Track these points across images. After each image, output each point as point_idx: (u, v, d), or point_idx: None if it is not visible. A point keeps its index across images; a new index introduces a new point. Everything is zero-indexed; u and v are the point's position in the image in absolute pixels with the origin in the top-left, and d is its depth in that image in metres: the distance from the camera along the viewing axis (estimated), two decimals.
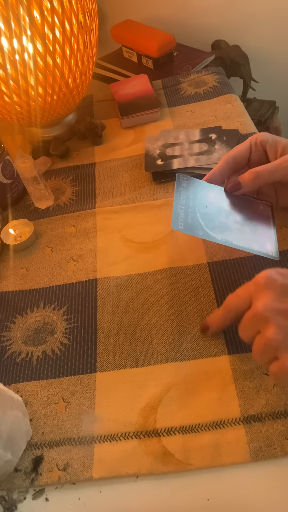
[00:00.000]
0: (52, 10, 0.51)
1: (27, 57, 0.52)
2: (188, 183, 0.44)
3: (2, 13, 0.48)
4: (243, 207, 0.45)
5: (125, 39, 0.91)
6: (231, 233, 0.41)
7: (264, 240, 0.42)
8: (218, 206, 0.44)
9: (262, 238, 0.42)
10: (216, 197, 0.44)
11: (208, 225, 0.41)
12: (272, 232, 0.43)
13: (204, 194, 0.44)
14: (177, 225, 0.40)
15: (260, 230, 0.43)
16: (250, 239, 0.41)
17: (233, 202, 0.45)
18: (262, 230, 0.43)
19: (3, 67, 0.52)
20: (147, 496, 0.32)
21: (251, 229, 0.43)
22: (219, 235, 0.40)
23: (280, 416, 0.33)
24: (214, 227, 0.41)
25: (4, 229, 0.53)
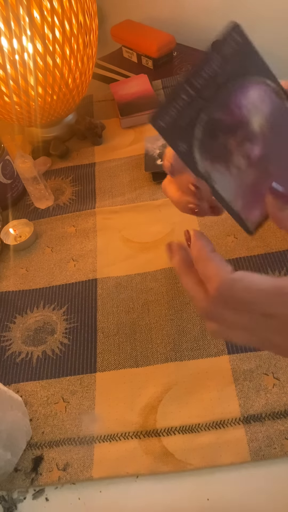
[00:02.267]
0: (52, 10, 0.51)
1: (27, 57, 0.52)
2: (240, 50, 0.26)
3: (2, 13, 0.48)
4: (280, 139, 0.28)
5: (125, 39, 0.91)
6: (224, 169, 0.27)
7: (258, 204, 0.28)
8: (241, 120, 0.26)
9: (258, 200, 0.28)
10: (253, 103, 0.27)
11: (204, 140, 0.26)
12: None
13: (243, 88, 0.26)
14: (157, 119, 0.24)
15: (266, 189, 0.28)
16: (239, 192, 0.28)
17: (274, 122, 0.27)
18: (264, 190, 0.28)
19: (3, 67, 0.52)
20: (147, 496, 0.32)
21: (260, 179, 0.28)
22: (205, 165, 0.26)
23: (280, 416, 0.33)
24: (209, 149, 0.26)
25: (4, 229, 0.53)
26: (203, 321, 0.40)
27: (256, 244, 0.46)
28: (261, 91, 0.27)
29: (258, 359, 0.37)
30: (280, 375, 0.36)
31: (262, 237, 0.46)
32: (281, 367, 0.36)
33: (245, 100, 0.26)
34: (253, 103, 0.26)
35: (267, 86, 0.27)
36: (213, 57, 0.24)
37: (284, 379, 0.35)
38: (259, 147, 0.27)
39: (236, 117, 0.26)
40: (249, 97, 0.26)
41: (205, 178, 0.27)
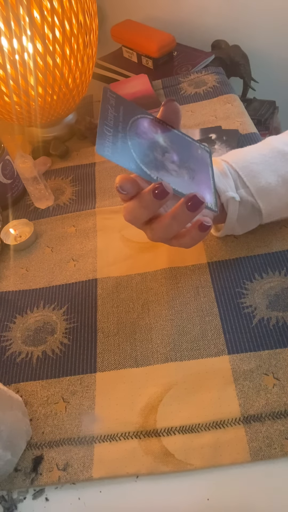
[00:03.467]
0: (52, 10, 0.51)
1: (27, 57, 0.52)
2: (118, 102, 0.36)
3: (2, 13, 0.48)
4: (180, 146, 0.38)
5: (125, 39, 0.91)
6: (167, 174, 0.35)
7: (203, 190, 0.36)
8: (153, 140, 0.36)
9: (201, 187, 0.36)
10: (150, 128, 0.37)
11: (142, 159, 0.34)
12: (211, 182, 0.38)
13: (137, 121, 0.36)
14: (102, 149, 0.31)
15: (198, 177, 0.37)
16: (188, 185, 0.35)
17: (169, 138, 0.37)
18: (201, 177, 0.37)
19: (3, 67, 0.52)
20: (147, 496, 0.32)
21: (190, 174, 0.36)
22: (154, 174, 0.34)
23: (280, 416, 0.33)
24: (148, 163, 0.34)
25: (4, 229, 0.53)
26: (203, 320, 0.40)
27: (256, 244, 0.46)
28: (148, 121, 0.37)
29: (258, 359, 0.37)
30: (280, 375, 0.36)
31: (262, 237, 0.46)
32: (281, 367, 0.36)
33: (145, 128, 0.36)
34: (149, 129, 0.37)
35: (149, 118, 0.37)
36: (108, 107, 0.34)
37: (284, 379, 0.35)
38: (174, 154, 0.37)
39: (148, 138, 0.36)
40: (145, 126, 0.36)
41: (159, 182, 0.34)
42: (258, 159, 0.41)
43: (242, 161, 0.41)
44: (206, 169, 0.39)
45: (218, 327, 0.40)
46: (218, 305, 0.42)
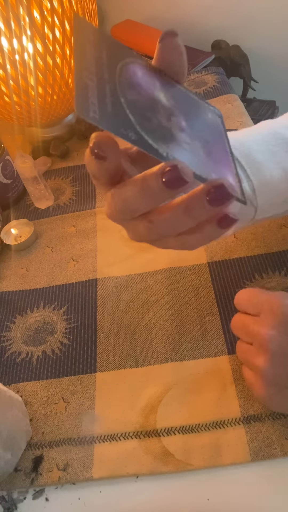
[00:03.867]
0: (52, 10, 0.51)
1: (27, 57, 0.52)
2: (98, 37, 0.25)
3: (2, 13, 0.48)
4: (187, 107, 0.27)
5: (125, 39, 0.91)
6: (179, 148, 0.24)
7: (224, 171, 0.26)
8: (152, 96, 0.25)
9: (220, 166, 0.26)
10: (146, 79, 0.25)
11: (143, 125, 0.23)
12: (230, 158, 0.28)
13: (127, 67, 0.25)
14: (87, 110, 0.21)
15: (215, 152, 0.27)
16: (205, 163, 0.25)
17: (172, 95, 0.26)
18: (218, 152, 0.27)
19: (3, 67, 0.52)
20: (147, 496, 0.32)
21: (205, 148, 0.26)
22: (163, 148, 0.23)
23: (280, 416, 0.33)
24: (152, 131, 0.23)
25: (4, 229, 0.53)
26: (203, 320, 0.40)
27: (256, 244, 0.46)
28: (142, 69, 0.25)
29: None
30: None
31: (263, 237, 0.46)
32: None
33: (138, 79, 0.25)
34: (146, 81, 0.25)
35: (141, 64, 0.26)
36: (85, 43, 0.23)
37: None
38: (181, 118, 0.26)
39: (145, 95, 0.24)
40: (140, 76, 0.25)
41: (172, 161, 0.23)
42: (262, 147, 0.35)
43: (244, 147, 0.34)
44: (221, 140, 0.28)
45: (218, 327, 0.40)
46: (218, 305, 0.42)
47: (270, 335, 0.30)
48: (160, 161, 0.22)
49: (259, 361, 0.30)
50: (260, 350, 0.31)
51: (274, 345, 0.30)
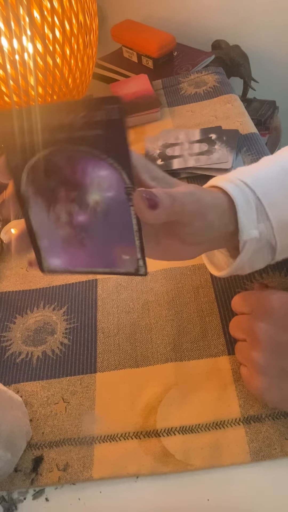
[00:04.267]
0: (52, 10, 0.51)
1: (27, 57, 0.52)
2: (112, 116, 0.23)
3: (2, 13, 0.48)
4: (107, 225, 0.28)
5: (125, 39, 0.91)
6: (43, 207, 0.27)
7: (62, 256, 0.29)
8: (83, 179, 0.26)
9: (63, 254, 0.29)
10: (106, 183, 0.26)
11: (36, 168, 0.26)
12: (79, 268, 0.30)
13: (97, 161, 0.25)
14: None
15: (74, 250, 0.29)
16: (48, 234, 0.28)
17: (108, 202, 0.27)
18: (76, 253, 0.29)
19: (3, 67, 0.52)
20: (147, 496, 0.32)
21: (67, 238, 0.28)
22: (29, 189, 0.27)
23: (280, 417, 0.33)
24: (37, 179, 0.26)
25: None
26: (203, 320, 0.40)
27: None
28: (113, 178, 0.25)
29: None
30: None
31: None
32: None
33: (92, 173, 0.25)
34: (98, 181, 0.26)
35: (122, 179, 0.25)
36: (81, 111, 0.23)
37: None
38: (84, 217, 0.27)
39: (75, 178, 0.26)
40: (98, 174, 0.25)
41: (23, 199, 0.27)
42: (279, 186, 0.34)
43: (263, 186, 0.34)
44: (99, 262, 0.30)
45: (218, 327, 0.40)
46: (218, 305, 0.41)
47: (261, 327, 0.32)
48: None
49: (253, 353, 0.31)
50: (253, 343, 0.32)
51: (265, 335, 0.31)
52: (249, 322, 0.33)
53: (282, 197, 0.34)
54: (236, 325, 0.35)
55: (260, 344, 0.31)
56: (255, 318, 0.33)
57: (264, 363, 0.31)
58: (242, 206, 0.32)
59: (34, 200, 0.27)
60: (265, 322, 0.32)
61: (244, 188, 0.33)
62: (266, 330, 0.31)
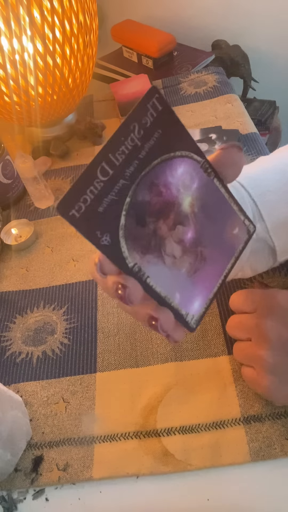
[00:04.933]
0: (52, 10, 0.51)
1: (27, 57, 0.52)
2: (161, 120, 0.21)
3: (2, 13, 0.48)
4: (210, 217, 0.25)
5: (125, 39, 0.91)
6: (156, 260, 0.23)
7: (196, 293, 0.25)
8: (173, 200, 0.23)
9: (196, 288, 0.25)
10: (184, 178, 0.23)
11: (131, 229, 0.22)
12: (217, 283, 0.27)
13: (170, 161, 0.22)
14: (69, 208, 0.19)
15: (204, 272, 0.26)
16: (177, 282, 0.24)
17: (203, 200, 0.25)
18: (207, 272, 0.26)
19: (3, 67, 0.52)
20: (147, 496, 0.32)
21: (192, 266, 0.25)
22: (135, 258, 0.22)
23: (280, 416, 0.33)
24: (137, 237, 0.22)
25: (4, 229, 0.53)
26: (203, 320, 0.40)
27: None
28: (188, 167, 0.23)
29: None
30: None
31: None
32: None
33: (173, 178, 0.23)
34: (182, 181, 0.23)
35: (194, 161, 0.23)
36: (133, 128, 0.20)
37: None
38: (191, 229, 0.24)
39: (165, 198, 0.22)
40: (177, 175, 0.23)
41: (135, 273, 0.22)
42: (274, 187, 0.35)
43: (259, 186, 0.34)
44: (224, 261, 0.27)
45: (218, 327, 0.40)
46: (218, 305, 0.41)
47: (269, 325, 0.31)
48: None
49: (261, 351, 0.31)
50: (260, 341, 0.31)
51: (273, 333, 0.31)
52: (254, 321, 0.32)
53: (277, 198, 0.34)
54: (236, 324, 0.34)
55: (268, 342, 0.31)
56: (261, 317, 0.32)
57: (274, 361, 0.30)
58: None
59: (146, 263, 0.23)
60: (273, 320, 0.31)
61: (239, 189, 0.34)
62: (274, 327, 0.31)
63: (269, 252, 0.35)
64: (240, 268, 0.36)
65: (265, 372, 0.31)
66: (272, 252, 0.36)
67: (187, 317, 0.25)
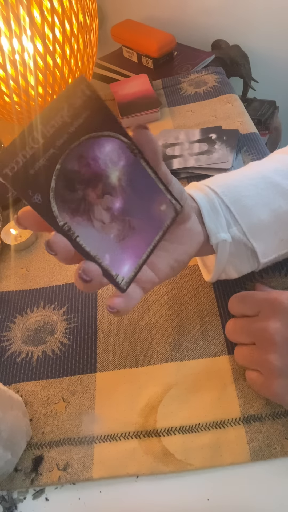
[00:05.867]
0: (52, 10, 0.51)
1: (27, 57, 0.52)
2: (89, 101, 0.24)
3: (2, 13, 0.48)
4: (137, 192, 0.28)
5: (125, 39, 0.91)
6: (86, 223, 0.26)
7: (125, 258, 0.28)
8: (100, 172, 0.26)
9: (125, 253, 0.28)
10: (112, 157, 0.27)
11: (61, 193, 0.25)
12: (145, 252, 0.29)
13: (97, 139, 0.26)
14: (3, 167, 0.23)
15: (132, 240, 0.29)
16: (106, 245, 0.27)
17: (129, 176, 0.28)
18: (136, 241, 0.29)
19: (3, 67, 0.52)
20: (147, 496, 0.32)
21: (121, 233, 0.28)
22: (65, 218, 0.25)
23: (280, 416, 0.33)
24: (67, 201, 0.25)
25: (4, 229, 0.53)
26: (203, 320, 0.40)
27: None
28: (116, 146, 0.26)
29: None
30: None
31: None
32: None
33: (100, 154, 0.26)
34: (109, 158, 0.26)
35: (121, 142, 0.26)
36: (62, 107, 0.23)
37: None
38: (119, 200, 0.27)
39: (93, 170, 0.26)
40: (105, 152, 0.26)
41: (65, 231, 0.25)
42: (250, 192, 0.36)
43: (233, 193, 0.36)
44: (153, 232, 0.30)
45: (218, 327, 0.40)
46: (218, 305, 0.42)
47: (274, 328, 0.31)
48: None
49: (267, 355, 0.31)
50: (266, 345, 0.31)
51: (280, 336, 0.30)
52: (258, 324, 0.32)
53: (253, 202, 0.36)
54: (237, 328, 0.34)
55: (274, 346, 0.30)
56: (265, 320, 0.32)
57: (282, 364, 0.30)
58: (208, 212, 0.35)
59: (75, 224, 0.26)
60: (277, 322, 0.31)
61: (211, 195, 0.36)
62: (279, 330, 0.31)
63: (251, 254, 0.37)
64: (222, 269, 0.38)
65: (274, 376, 0.30)
66: (254, 254, 0.37)
67: (117, 278, 0.28)
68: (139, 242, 0.29)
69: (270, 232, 0.36)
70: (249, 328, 0.33)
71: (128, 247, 0.28)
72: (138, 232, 0.29)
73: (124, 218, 0.28)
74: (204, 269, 0.43)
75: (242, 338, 0.34)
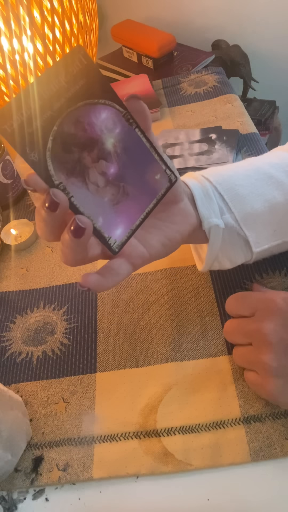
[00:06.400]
0: (52, 10, 0.51)
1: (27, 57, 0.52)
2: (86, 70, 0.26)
3: (2, 13, 0.48)
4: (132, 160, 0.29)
5: (125, 39, 0.91)
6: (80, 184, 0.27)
7: (119, 221, 0.29)
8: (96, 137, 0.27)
9: (119, 217, 0.29)
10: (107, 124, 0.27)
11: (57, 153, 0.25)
12: (139, 218, 0.30)
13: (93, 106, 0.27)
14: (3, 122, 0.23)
15: (126, 205, 0.29)
16: (100, 207, 0.28)
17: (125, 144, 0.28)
18: (129, 207, 0.30)
19: (3, 67, 0.52)
20: (147, 496, 0.32)
21: (116, 198, 0.29)
22: (60, 178, 0.26)
23: (280, 416, 0.33)
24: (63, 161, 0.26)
25: (4, 229, 0.53)
26: (203, 320, 0.40)
27: None
28: (111, 114, 0.27)
29: None
30: None
31: None
32: None
33: (96, 120, 0.27)
34: (105, 124, 0.27)
35: (117, 110, 0.27)
36: (60, 72, 0.25)
37: None
38: (114, 165, 0.28)
39: (88, 134, 0.27)
40: (101, 118, 0.27)
41: (61, 191, 0.26)
42: (244, 181, 0.37)
43: (227, 182, 0.37)
44: (146, 200, 0.30)
45: (218, 327, 0.40)
46: (218, 305, 0.41)
47: (269, 329, 0.31)
48: None
49: (263, 355, 0.31)
50: (262, 345, 0.31)
51: (275, 337, 0.31)
52: (254, 325, 0.32)
53: (247, 192, 0.36)
54: (234, 329, 0.34)
55: (270, 346, 0.31)
56: (261, 320, 0.32)
57: (278, 365, 0.30)
58: (201, 197, 0.36)
59: (70, 185, 0.26)
60: (273, 323, 0.31)
61: (204, 183, 0.36)
62: (275, 331, 0.31)
63: (244, 243, 0.37)
64: (214, 257, 0.38)
65: (269, 376, 0.31)
66: (246, 243, 0.37)
67: (109, 240, 0.29)
68: (132, 208, 0.30)
69: (263, 222, 0.37)
70: (245, 328, 0.33)
71: (121, 212, 0.29)
72: (132, 198, 0.30)
73: (118, 184, 0.29)
74: (198, 260, 0.43)
75: (239, 339, 0.34)
